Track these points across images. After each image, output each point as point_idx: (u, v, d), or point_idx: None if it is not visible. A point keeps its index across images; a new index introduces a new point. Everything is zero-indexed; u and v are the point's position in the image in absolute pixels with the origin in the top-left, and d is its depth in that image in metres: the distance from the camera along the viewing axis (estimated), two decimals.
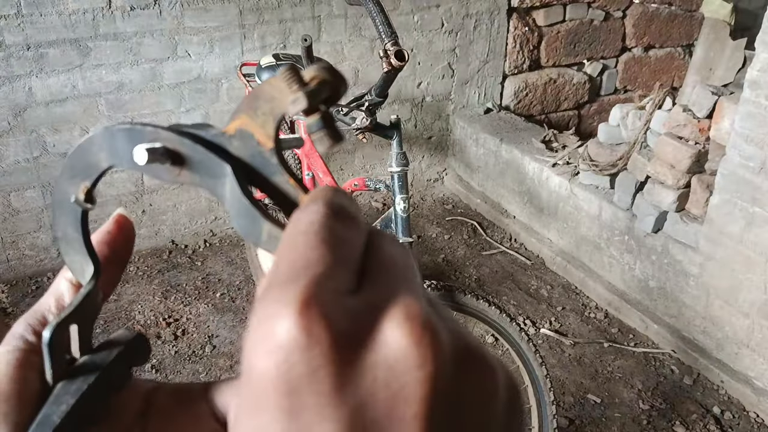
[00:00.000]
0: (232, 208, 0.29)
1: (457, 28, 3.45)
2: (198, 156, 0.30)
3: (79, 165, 0.32)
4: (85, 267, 0.34)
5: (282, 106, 0.28)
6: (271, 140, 0.29)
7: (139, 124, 0.30)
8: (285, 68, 0.28)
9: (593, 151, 2.89)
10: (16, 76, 2.63)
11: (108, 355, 0.32)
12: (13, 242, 2.90)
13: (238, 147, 0.30)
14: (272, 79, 0.28)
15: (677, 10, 4.01)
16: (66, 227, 0.34)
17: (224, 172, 0.29)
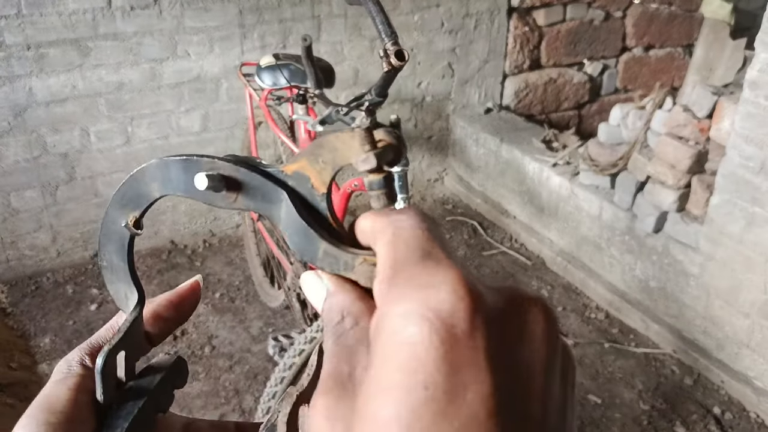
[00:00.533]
0: (289, 229, 0.31)
1: (458, 28, 3.45)
2: (254, 182, 0.32)
3: (131, 195, 0.34)
4: (129, 295, 0.35)
5: (343, 159, 0.31)
6: (325, 186, 0.32)
7: (194, 155, 0.33)
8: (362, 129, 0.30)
9: (594, 151, 2.89)
10: (17, 76, 2.63)
11: (152, 380, 0.34)
12: (12, 242, 2.90)
13: (293, 184, 0.32)
14: (341, 133, 0.31)
15: (677, 10, 4.01)
16: (112, 256, 0.35)
17: (280, 197, 0.32)
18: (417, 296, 0.24)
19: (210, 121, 3.07)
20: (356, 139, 0.30)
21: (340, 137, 0.30)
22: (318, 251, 0.31)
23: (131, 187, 0.34)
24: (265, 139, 2.95)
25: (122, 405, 0.33)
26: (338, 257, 0.30)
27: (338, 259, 0.30)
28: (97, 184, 2.97)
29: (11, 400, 2.24)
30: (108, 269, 0.36)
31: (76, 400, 0.31)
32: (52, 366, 2.45)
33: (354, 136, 0.30)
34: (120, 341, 0.33)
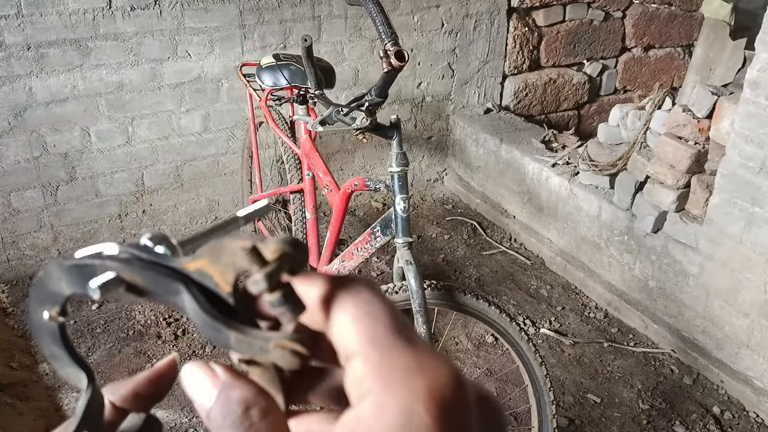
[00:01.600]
0: (197, 320, 0.31)
1: (457, 29, 3.46)
2: (151, 279, 0.31)
3: (43, 295, 0.34)
4: (79, 376, 0.36)
5: (242, 265, 0.29)
6: (229, 286, 0.31)
7: (87, 257, 0.32)
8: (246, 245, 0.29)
9: (593, 151, 2.89)
10: (17, 76, 2.64)
11: None
12: (13, 242, 2.90)
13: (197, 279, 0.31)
14: (235, 240, 0.29)
15: (677, 10, 4.01)
16: (50, 347, 0.36)
17: (180, 290, 0.31)
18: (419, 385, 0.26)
19: (211, 121, 3.08)
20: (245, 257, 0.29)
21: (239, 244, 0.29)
22: (230, 339, 0.30)
23: (41, 289, 0.34)
24: (265, 139, 2.96)
25: None
26: (252, 343, 0.30)
27: (252, 345, 0.30)
28: (98, 184, 2.98)
29: (11, 399, 2.25)
30: (52, 358, 0.36)
31: None
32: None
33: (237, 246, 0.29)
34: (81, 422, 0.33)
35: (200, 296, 0.31)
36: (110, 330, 2.65)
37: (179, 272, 0.31)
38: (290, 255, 0.29)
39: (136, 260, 0.32)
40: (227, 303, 0.31)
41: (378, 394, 0.26)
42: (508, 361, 2.47)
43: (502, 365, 2.48)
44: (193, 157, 3.11)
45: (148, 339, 2.59)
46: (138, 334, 2.62)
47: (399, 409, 0.25)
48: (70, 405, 2.29)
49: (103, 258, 0.32)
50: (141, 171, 3.04)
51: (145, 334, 2.62)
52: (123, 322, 2.68)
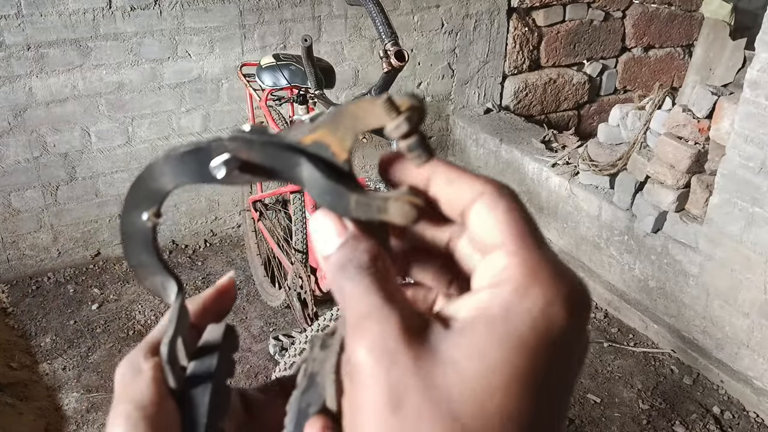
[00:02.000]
0: (316, 189, 0.32)
1: (457, 29, 3.46)
2: (270, 154, 0.32)
3: (142, 195, 0.34)
4: (166, 285, 0.36)
5: (364, 125, 0.31)
6: (346, 152, 0.32)
7: (202, 142, 0.32)
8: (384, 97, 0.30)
9: (593, 151, 2.89)
10: (17, 76, 2.64)
11: (212, 357, 0.35)
12: (13, 242, 2.90)
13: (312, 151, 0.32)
14: (360, 101, 0.31)
15: (677, 11, 4.01)
16: (140, 254, 0.36)
17: (298, 162, 0.32)
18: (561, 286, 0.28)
19: (211, 121, 3.08)
20: (379, 108, 0.30)
21: (360, 105, 0.31)
22: (350, 203, 0.31)
23: (141, 187, 0.34)
24: None
25: (196, 382, 0.34)
26: (370, 203, 0.31)
27: (371, 206, 0.31)
28: (98, 184, 2.98)
29: (12, 399, 2.25)
30: (139, 267, 0.36)
31: (158, 392, 0.32)
32: (52, 366, 2.45)
33: (376, 105, 0.30)
34: (176, 329, 0.34)
35: (320, 164, 0.31)
36: (110, 330, 2.65)
37: (296, 146, 0.32)
38: (418, 108, 0.31)
39: (251, 139, 0.32)
40: (342, 172, 0.32)
41: (524, 282, 0.28)
42: None
43: None
44: None
45: None
46: (138, 335, 2.62)
47: (542, 299, 0.27)
48: (69, 405, 2.29)
49: (218, 140, 0.32)
50: (141, 171, 3.03)
51: (145, 334, 2.60)
52: (123, 322, 2.68)
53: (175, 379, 0.33)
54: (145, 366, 0.33)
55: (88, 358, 2.50)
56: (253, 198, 2.70)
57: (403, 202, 0.31)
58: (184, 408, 0.33)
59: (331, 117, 0.31)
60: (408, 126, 0.30)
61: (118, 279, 2.97)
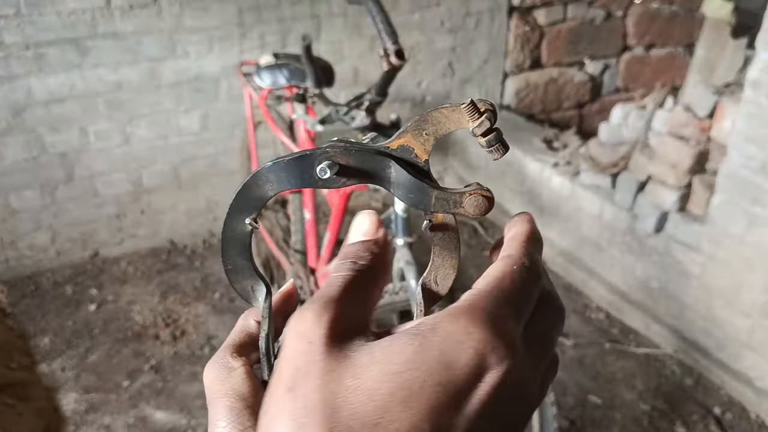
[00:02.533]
0: (401, 189, 0.37)
1: (458, 27, 3.44)
2: (364, 159, 0.36)
3: (246, 202, 0.38)
4: (256, 287, 0.40)
5: (445, 129, 0.36)
6: (427, 154, 0.37)
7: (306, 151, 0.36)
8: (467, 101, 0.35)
9: (594, 151, 2.88)
10: (15, 75, 2.62)
11: None
12: (11, 242, 2.89)
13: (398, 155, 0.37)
14: (443, 108, 0.36)
15: (678, 10, 4.00)
16: (235, 258, 0.39)
17: (388, 165, 0.37)
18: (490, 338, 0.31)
19: (209, 120, 3.06)
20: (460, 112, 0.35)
21: (443, 111, 0.36)
22: (431, 198, 0.37)
23: (246, 195, 0.37)
24: (264, 139, 2.94)
25: None
26: (448, 198, 0.37)
27: (448, 200, 0.37)
28: (96, 184, 2.96)
29: (11, 400, 2.24)
30: (233, 271, 0.39)
31: (254, 387, 0.35)
32: (51, 366, 2.44)
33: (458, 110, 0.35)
34: (269, 326, 0.38)
35: (406, 165, 0.37)
36: (109, 330, 2.63)
37: (385, 151, 0.37)
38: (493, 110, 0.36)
39: (349, 146, 0.36)
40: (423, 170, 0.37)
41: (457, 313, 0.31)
42: None
43: None
44: (191, 157, 3.10)
45: (147, 340, 2.58)
46: (136, 335, 2.60)
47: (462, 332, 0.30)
48: (68, 406, 2.28)
49: (320, 148, 0.36)
50: (139, 171, 3.02)
51: (143, 335, 2.61)
52: (121, 323, 2.67)
53: (269, 371, 0.37)
54: (235, 364, 0.36)
55: (86, 358, 2.49)
56: None
57: (476, 195, 0.36)
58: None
59: (415, 123, 0.36)
60: (490, 124, 0.35)
61: (116, 279, 2.96)
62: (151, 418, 2.24)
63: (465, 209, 0.36)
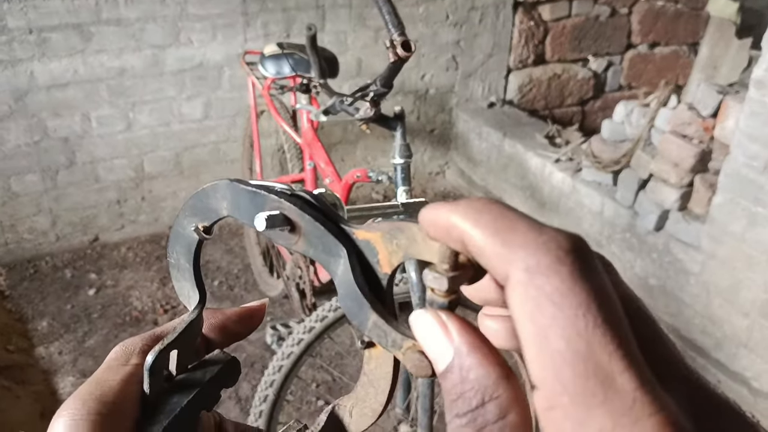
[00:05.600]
0: (342, 289, 0.31)
1: (463, 21, 3.43)
2: (315, 231, 0.31)
3: (200, 207, 0.35)
4: (191, 295, 0.37)
5: (417, 253, 0.29)
6: (390, 268, 0.31)
7: (263, 188, 0.33)
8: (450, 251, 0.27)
9: (597, 148, 2.88)
10: (18, 60, 2.62)
11: (203, 376, 0.35)
12: (11, 226, 2.89)
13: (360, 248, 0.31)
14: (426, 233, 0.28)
15: (683, 8, 3.99)
16: (180, 257, 0.37)
17: (339, 253, 0.31)
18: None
19: (212, 108, 3.06)
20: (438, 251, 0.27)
21: (423, 235, 0.28)
22: (368, 321, 0.30)
23: (202, 200, 0.35)
24: (267, 128, 2.94)
25: (168, 399, 0.34)
26: (387, 333, 0.30)
27: (387, 336, 0.30)
28: (98, 170, 2.96)
29: (8, 383, 2.24)
30: (175, 267, 0.37)
31: (126, 392, 0.32)
32: (49, 350, 2.45)
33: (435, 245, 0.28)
34: (174, 341, 0.34)
35: (357, 267, 0.31)
36: (107, 315, 2.64)
37: (347, 236, 0.31)
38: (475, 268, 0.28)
39: (309, 208, 0.32)
40: (378, 284, 0.31)
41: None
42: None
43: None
44: (193, 145, 3.10)
45: (145, 326, 2.58)
46: (135, 321, 2.61)
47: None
48: (65, 389, 2.28)
49: (278, 194, 0.32)
50: (141, 157, 3.02)
51: (141, 321, 2.61)
52: (120, 308, 2.67)
53: (150, 387, 0.33)
54: (133, 360, 0.33)
55: (84, 343, 2.49)
56: None
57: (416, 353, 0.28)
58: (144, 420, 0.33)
59: (391, 227, 0.30)
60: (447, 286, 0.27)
61: (115, 265, 2.96)
62: None
63: (403, 358, 0.29)
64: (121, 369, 0.33)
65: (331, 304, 1.74)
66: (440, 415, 2.20)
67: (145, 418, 0.33)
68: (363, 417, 0.33)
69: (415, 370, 0.28)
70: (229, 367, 0.36)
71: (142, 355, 0.34)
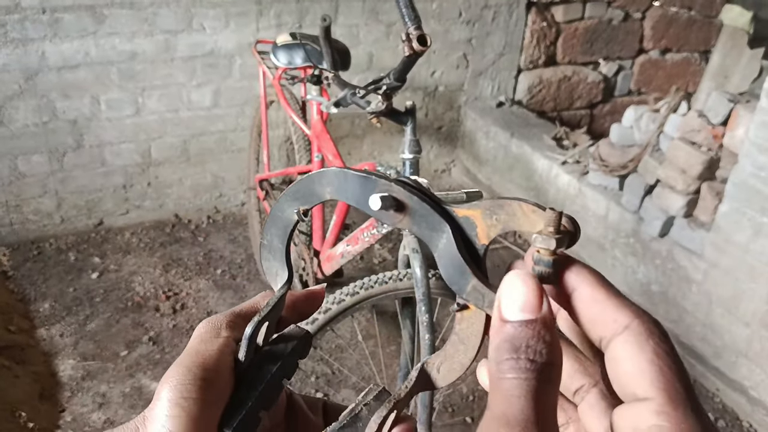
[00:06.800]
0: (444, 259, 0.34)
1: (475, 19, 3.43)
2: (422, 210, 0.35)
3: (304, 191, 0.38)
4: (280, 273, 0.40)
5: (516, 225, 0.33)
6: (488, 239, 0.34)
7: (373, 174, 0.36)
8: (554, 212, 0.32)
9: (604, 151, 2.87)
10: (30, 39, 2.62)
11: (285, 348, 0.39)
12: (17, 206, 2.90)
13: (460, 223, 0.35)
14: (526, 205, 0.33)
15: (696, 15, 3.98)
16: (273, 238, 0.40)
17: (443, 229, 0.35)
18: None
19: (221, 96, 3.06)
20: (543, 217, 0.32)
21: (524, 207, 0.33)
22: (468, 285, 0.34)
23: (306, 186, 0.38)
24: (275, 119, 2.94)
25: (259, 368, 0.37)
26: (485, 295, 0.33)
27: (485, 297, 0.33)
28: (105, 153, 2.96)
29: (8, 362, 2.25)
30: (267, 248, 0.40)
31: (224, 361, 0.35)
32: (50, 331, 2.45)
33: (541, 214, 0.32)
34: (268, 314, 0.37)
35: (459, 239, 0.34)
36: (109, 299, 2.64)
37: (448, 214, 0.35)
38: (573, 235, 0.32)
39: (414, 189, 0.35)
40: (476, 253, 0.34)
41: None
42: None
43: None
44: (201, 132, 3.10)
45: (147, 311, 2.59)
46: (137, 306, 2.61)
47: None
48: (65, 372, 2.29)
49: (388, 178, 0.35)
50: (148, 143, 3.02)
51: (143, 306, 2.61)
52: (122, 293, 2.68)
53: (246, 356, 0.36)
54: (224, 333, 0.36)
55: (85, 326, 2.50)
56: (260, 177, 2.69)
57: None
58: (239, 385, 0.36)
59: (491, 203, 0.34)
60: (555, 245, 0.32)
61: (119, 249, 2.97)
62: (147, 388, 2.25)
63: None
64: (214, 341, 0.36)
65: (334, 297, 1.74)
66: (438, 412, 2.21)
67: (241, 384, 0.36)
68: (451, 371, 0.36)
69: None
70: (304, 339, 0.40)
71: (229, 329, 0.37)
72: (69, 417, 2.12)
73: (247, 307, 0.39)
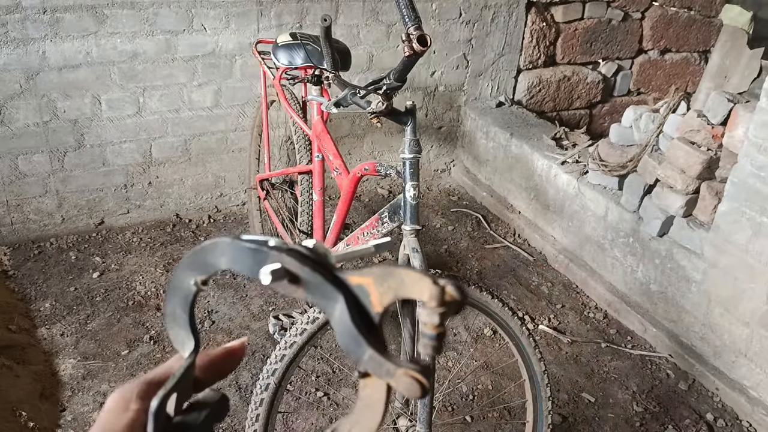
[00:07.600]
0: (340, 328, 0.35)
1: (475, 19, 3.43)
2: (315, 281, 0.35)
3: (200, 262, 0.38)
4: (186, 342, 0.40)
5: (406, 293, 0.34)
6: (381, 307, 0.35)
7: (265, 245, 0.36)
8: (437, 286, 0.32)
9: (603, 151, 2.88)
10: (31, 38, 2.62)
11: (198, 417, 0.39)
12: (18, 206, 2.90)
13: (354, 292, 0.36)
14: (414, 273, 0.34)
15: (696, 15, 3.99)
16: (175, 307, 0.40)
17: (337, 298, 0.35)
18: None
19: (222, 96, 3.06)
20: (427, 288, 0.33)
21: (410, 274, 0.34)
22: (364, 354, 0.34)
23: (201, 257, 0.38)
24: (275, 118, 2.95)
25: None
26: (382, 364, 0.34)
27: (381, 366, 0.34)
28: (106, 153, 2.97)
29: (9, 362, 2.25)
30: (170, 317, 0.40)
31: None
32: (51, 331, 2.46)
33: (425, 283, 0.33)
34: (175, 385, 0.37)
35: (353, 309, 0.35)
36: (110, 299, 2.65)
37: (341, 282, 0.35)
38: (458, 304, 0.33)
39: (305, 259, 0.36)
40: (370, 321, 0.35)
41: None
42: (506, 354, 2.48)
43: (500, 359, 2.48)
44: (202, 132, 3.11)
45: (148, 311, 2.60)
46: (137, 305, 2.62)
47: None
48: (66, 371, 2.30)
49: (278, 249, 0.36)
50: (149, 142, 3.03)
51: (144, 306, 2.62)
52: (123, 292, 2.68)
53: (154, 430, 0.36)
54: (133, 407, 0.36)
55: (86, 325, 2.51)
56: (261, 177, 2.69)
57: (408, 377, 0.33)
58: None
59: (381, 271, 0.35)
60: (438, 320, 0.33)
61: (120, 249, 2.97)
62: None
63: (396, 384, 0.34)
64: (123, 415, 0.36)
65: None
66: (438, 410, 2.21)
67: None
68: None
69: (408, 392, 0.33)
70: (220, 404, 0.40)
71: (139, 401, 0.36)
72: (70, 416, 2.13)
73: (160, 373, 0.39)
